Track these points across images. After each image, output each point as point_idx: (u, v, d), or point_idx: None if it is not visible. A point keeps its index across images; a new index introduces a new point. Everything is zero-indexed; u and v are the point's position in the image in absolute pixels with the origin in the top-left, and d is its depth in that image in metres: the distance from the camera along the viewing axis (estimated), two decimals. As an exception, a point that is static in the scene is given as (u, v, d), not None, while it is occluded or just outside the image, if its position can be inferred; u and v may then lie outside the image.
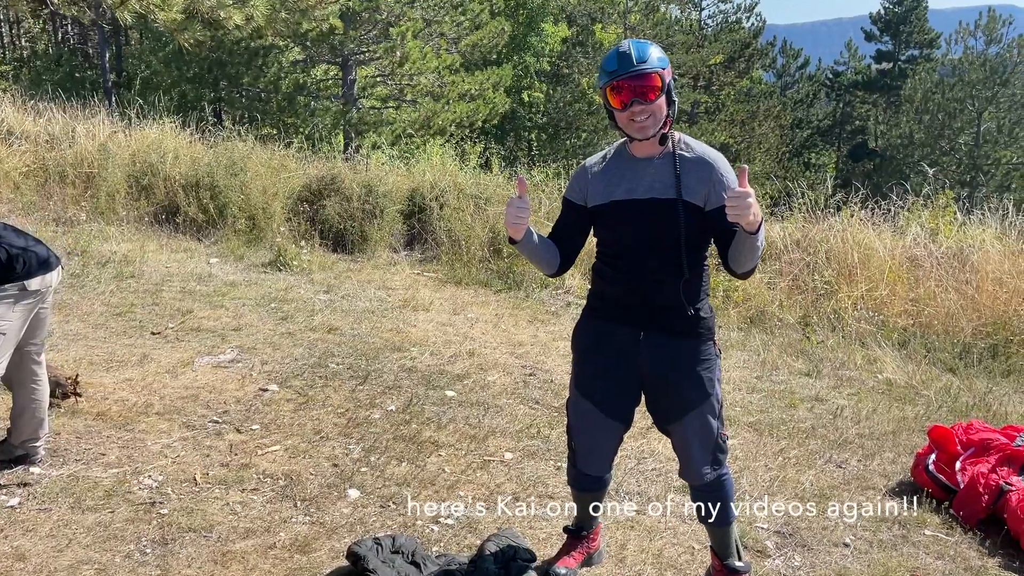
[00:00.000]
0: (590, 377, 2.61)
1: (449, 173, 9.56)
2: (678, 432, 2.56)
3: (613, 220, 2.48)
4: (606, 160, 2.57)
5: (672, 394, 2.51)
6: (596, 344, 2.58)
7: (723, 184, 2.40)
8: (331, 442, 3.79)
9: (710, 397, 2.51)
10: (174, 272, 6.81)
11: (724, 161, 2.46)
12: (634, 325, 2.50)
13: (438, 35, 14.50)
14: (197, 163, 8.99)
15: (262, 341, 5.20)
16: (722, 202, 2.35)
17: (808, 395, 4.95)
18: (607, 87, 2.38)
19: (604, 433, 2.63)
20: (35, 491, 3.14)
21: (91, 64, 24.36)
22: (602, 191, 2.51)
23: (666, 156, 2.45)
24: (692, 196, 2.40)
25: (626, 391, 2.58)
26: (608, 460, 2.72)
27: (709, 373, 2.51)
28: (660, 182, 2.42)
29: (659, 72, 2.35)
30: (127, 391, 4.20)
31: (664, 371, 2.49)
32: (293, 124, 13.75)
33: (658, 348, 2.48)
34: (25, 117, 11.36)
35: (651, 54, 2.37)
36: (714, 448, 2.56)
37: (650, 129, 2.38)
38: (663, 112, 2.39)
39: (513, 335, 5.87)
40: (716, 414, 2.53)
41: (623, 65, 2.35)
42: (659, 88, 2.35)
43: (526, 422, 4.18)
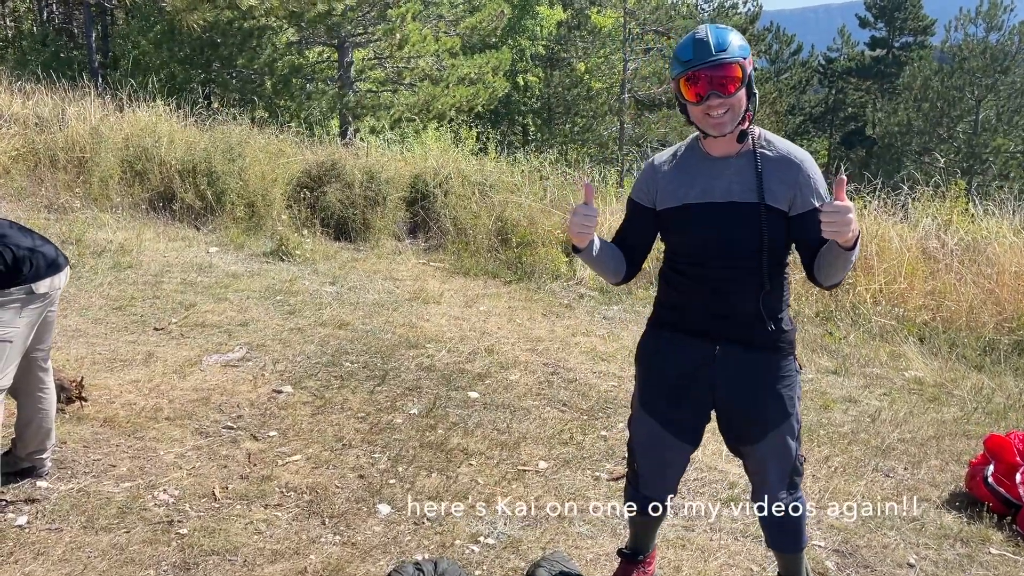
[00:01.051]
0: (657, 394, 2.38)
1: (452, 159, 9.32)
2: (753, 454, 2.34)
3: (686, 225, 2.25)
4: (677, 158, 2.32)
5: (749, 414, 2.29)
6: (665, 358, 2.35)
7: (811, 187, 2.16)
8: (355, 450, 3.58)
9: (790, 417, 2.29)
10: (173, 262, 6.55)
11: (811, 161, 2.22)
12: (708, 338, 2.26)
13: (437, 17, 14.17)
14: (193, 148, 8.69)
15: (271, 337, 4.97)
16: (809, 206, 2.14)
17: (840, 395, 4.78)
18: (681, 77, 2.14)
19: (670, 455, 2.41)
20: (44, 508, 2.91)
21: (77, 44, 23.81)
22: (673, 192, 2.27)
23: (746, 154, 2.20)
24: (775, 200, 2.15)
25: (697, 410, 2.35)
26: (673, 483, 2.49)
27: (790, 391, 2.28)
28: (739, 184, 2.18)
29: (740, 62, 2.10)
30: (134, 394, 3.97)
31: (741, 389, 2.26)
32: (288, 107, 13.42)
33: (735, 363, 2.25)
34: (13, 99, 11.00)
35: (731, 41, 2.12)
36: (791, 471, 2.35)
37: (727, 125, 2.13)
38: (743, 106, 2.14)
39: (529, 330, 5.67)
40: (795, 435, 2.32)
41: (700, 54, 2.11)
42: (739, 79, 2.10)
43: (557, 427, 3.98)
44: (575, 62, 22.72)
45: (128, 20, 22.12)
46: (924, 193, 8.75)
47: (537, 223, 7.83)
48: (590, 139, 22.95)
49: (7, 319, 2.59)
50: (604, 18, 22.44)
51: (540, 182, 9.08)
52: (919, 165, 25.47)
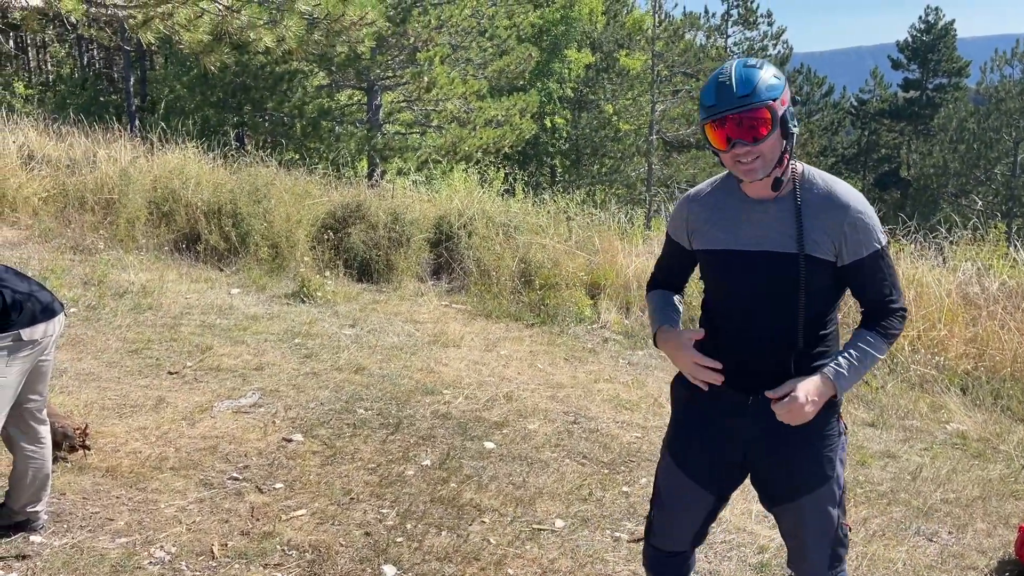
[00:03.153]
0: (685, 442, 2.20)
1: (477, 200, 9.26)
2: (788, 516, 2.14)
3: (719, 271, 2.09)
4: (713, 195, 2.14)
5: (783, 471, 2.08)
6: (695, 404, 2.17)
7: (859, 233, 1.96)
8: (362, 504, 3.42)
9: (830, 480, 2.07)
10: (194, 304, 6.50)
11: (860, 201, 2.00)
12: (742, 388, 2.07)
13: (465, 61, 14.29)
14: (219, 189, 8.72)
15: (285, 382, 4.86)
16: (861, 254, 1.97)
17: (878, 450, 4.53)
18: (706, 123, 1.96)
19: (693, 507, 2.21)
20: (34, 565, 2.79)
21: (116, 88, 24.43)
22: (707, 233, 2.10)
23: (786, 197, 2.00)
24: (817, 249, 1.96)
25: (727, 463, 2.15)
26: (689, 537, 2.27)
27: (831, 452, 2.07)
28: (778, 232, 1.99)
29: (768, 105, 1.89)
30: (140, 441, 3.86)
31: (773, 445, 2.06)
32: (317, 149, 13.54)
33: (769, 417, 2.02)
34: (47, 141, 11.21)
35: (758, 80, 1.90)
36: (833, 542, 2.12)
37: (759, 172, 1.94)
38: (776, 151, 1.94)
39: (551, 375, 5.50)
40: (836, 501, 2.10)
41: (722, 99, 1.91)
42: (768, 123, 1.90)
43: (576, 481, 3.79)
44: (603, 104, 22.78)
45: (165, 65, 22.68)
46: (962, 236, 8.49)
47: (561, 265, 7.69)
48: (618, 180, 22.91)
49: None
50: (632, 60, 22.54)
51: (566, 223, 8.98)
52: (956, 207, 25.02)
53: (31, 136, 11.11)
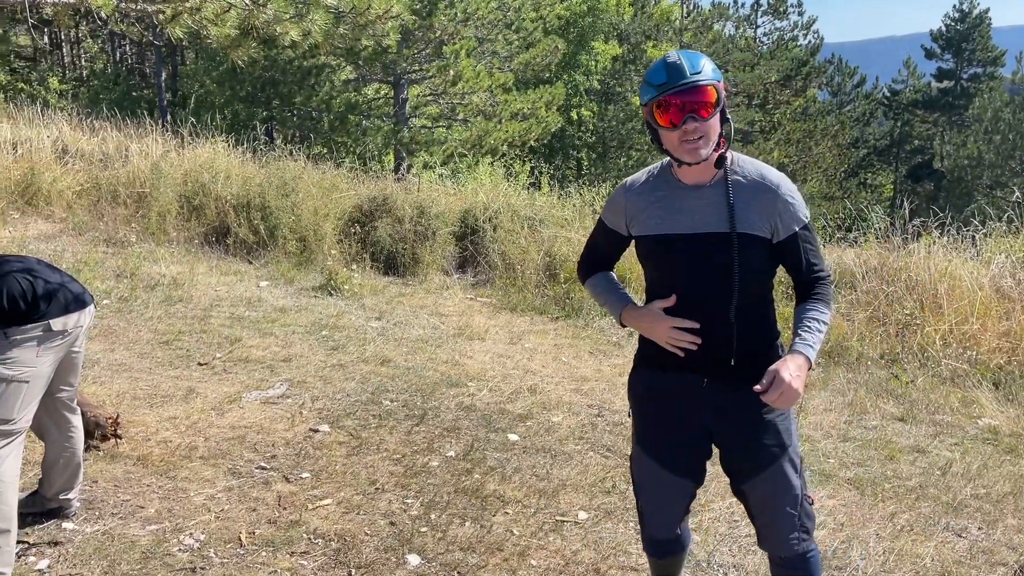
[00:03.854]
0: (650, 430, 2.28)
1: (502, 194, 9.26)
2: (754, 492, 2.20)
3: (660, 257, 2.17)
4: (649, 183, 2.22)
5: (744, 446, 2.17)
6: (653, 394, 2.25)
7: (790, 212, 2.09)
8: (387, 495, 3.45)
9: (787, 449, 2.17)
10: (223, 296, 6.59)
11: (787, 182, 2.13)
12: (693, 371, 2.16)
13: (491, 54, 14.28)
14: (249, 183, 8.82)
15: (312, 374, 4.91)
16: (791, 231, 2.09)
17: (907, 445, 4.48)
18: (653, 103, 2.05)
19: (671, 492, 2.29)
20: (66, 551, 2.85)
21: (148, 83, 24.77)
22: (646, 221, 2.18)
23: (719, 182, 2.11)
24: (752, 227, 2.07)
25: (692, 443, 2.23)
26: (675, 521, 2.36)
27: (785, 422, 2.17)
28: (714, 214, 2.09)
29: (714, 85, 2.02)
30: (171, 431, 3.93)
31: (731, 421, 2.16)
32: (344, 143, 13.62)
33: (723, 395, 2.14)
34: (81, 136, 11.40)
35: (704, 65, 2.04)
36: (800, 512, 2.19)
37: (702, 150, 2.04)
38: (717, 132, 2.05)
39: (575, 368, 5.50)
40: (797, 469, 2.19)
41: (673, 77, 2.01)
42: (713, 104, 2.01)
43: (599, 474, 3.79)
44: (630, 96, 22.65)
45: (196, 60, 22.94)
46: (996, 228, 8.34)
47: (587, 259, 7.67)
48: (643, 172, 22.74)
49: (24, 358, 2.55)
50: (660, 52, 22.37)
51: (592, 217, 8.95)
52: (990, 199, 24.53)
53: (65, 131, 11.30)
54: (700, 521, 3.38)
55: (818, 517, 3.44)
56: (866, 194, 30.51)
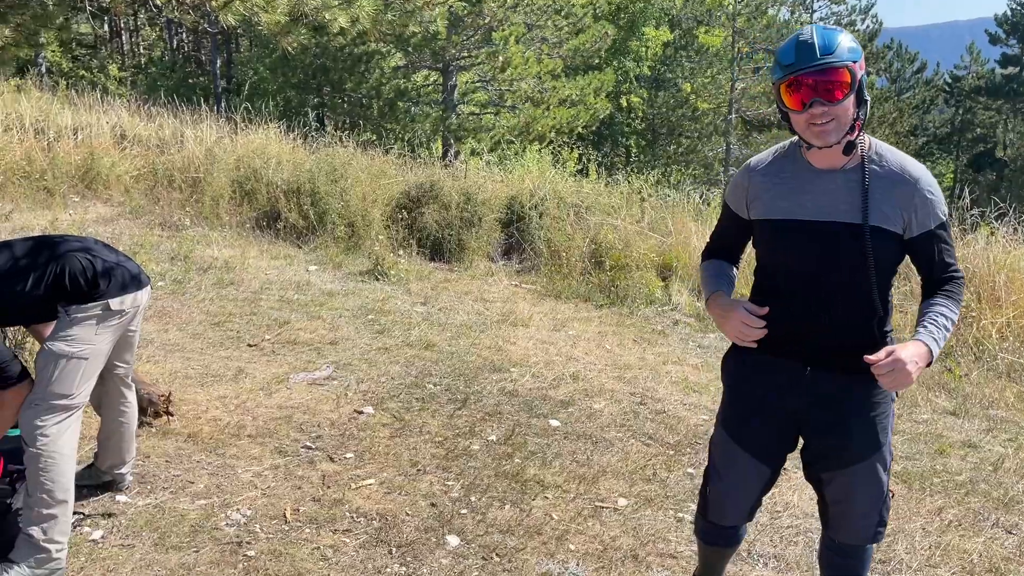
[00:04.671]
0: (741, 416, 2.21)
1: (549, 181, 9.25)
2: (838, 483, 2.15)
3: (780, 242, 2.07)
4: (776, 164, 2.13)
5: (839, 439, 2.10)
6: (751, 378, 2.18)
7: (927, 207, 1.97)
8: (429, 476, 3.50)
9: (882, 448, 2.10)
10: (273, 279, 6.72)
11: (929, 177, 2.01)
12: (799, 359, 2.08)
13: (540, 40, 14.23)
14: (299, 169, 8.96)
15: (358, 357, 4.99)
16: (926, 228, 1.98)
17: (958, 439, 4.38)
18: (782, 83, 1.96)
19: (750, 481, 2.23)
20: (119, 523, 2.96)
21: (203, 71, 25.25)
22: (768, 203, 2.09)
23: (853, 169, 2.00)
24: (885, 221, 1.96)
25: (779, 431, 2.17)
26: (746, 511, 2.30)
27: (883, 420, 2.09)
28: (845, 202, 1.98)
29: (848, 66, 1.90)
30: (220, 409, 4.03)
31: (831, 414, 2.08)
32: (393, 130, 13.73)
33: (826, 387, 2.07)
34: (138, 121, 11.68)
35: (840, 43, 1.91)
36: (881, 508, 2.15)
37: (832, 135, 1.94)
38: (850, 115, 1.94)
39: (618, 356, 5.49)
40: (887, 467, 2.13)
41: (803, 57, 1.92)
42: (847, 85, 1.90)
43: (640, 461, 3.79)
44: (681, 82, 22.37)
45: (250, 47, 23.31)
46: (1059, 219, 8.05)
47: (633, 246, 7.64)
48: (694, 160, 22.50)
49: (84, 336, 2.64)
50: (712, 37, 22.03)
51: (639, 204, 8.89)
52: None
53: (124, 117, 11.59)
54: (741, 511, 3.35)
55: (863, 510, 3.40)
56: (925, 183, 29.63)
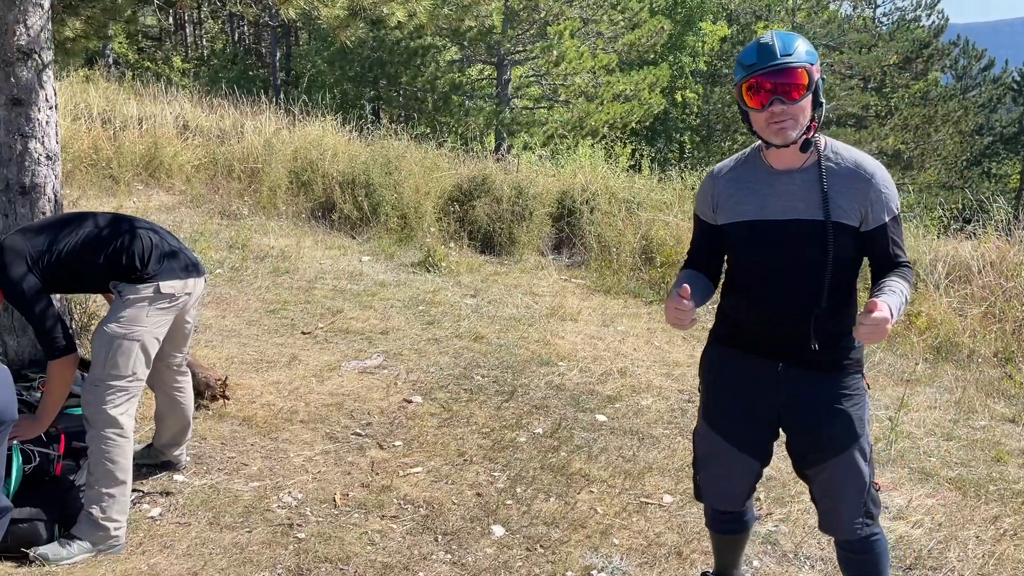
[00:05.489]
0: (719, 407, 2.29)
1: (601, 176, 9.22)
2: (820, 477, 2.19)
3: (746, 243, 2.14)
4: (737, 169, 2.20)
5: (815, 434, 2.16)
6: (727, 374, 2.25)
7: (882, 202, 2.04)
8: (475, 467, 3.54)
9: (860, 438, 2.14)
10: (327, 269, 6.84)
11: (883, 172, 2.08)
12: (770, 356, 2.15)
13: (595, 34, 14.16)
14: (354, 161, 9.10)
15: (408, 347, 5.06)
16: (880, 222, 2.05)
17: (1017, 448, 4.26)
18: (743, 84, 2.03)
19: (735, 467, 2.29)
20: (176, 502, 3.07)
21: (263, 63, 25.72)
22: (733, 207, 2.15)
23: (811, 168, 2.07)
24: (844, 216, 2.04)
25: (760, 424, 2.23)
26: (739, 497, 2.36)
27: (859, 411, 2.14)
28: (804, 200, 2.06)
29: (806, 67, 1.99)
30: (274, 395, 4.14)
31: (806, 408, 2.15)
32: (447, 123, 13.83)
33: (798, 382, 2.14)
34: (200, 112, 11.98)
35: (797, 47, 2.02)
36: (866, 498, 2.17)
37: (790, 132, 2.01)
38: (807, 115, 2.03)
39: (667, 353, 5.46)
40: (867, 458, 2.16)
41: (763, 58, 2.01)
42: (804, 86, 1.98)
43: (687, 459, 3.77)
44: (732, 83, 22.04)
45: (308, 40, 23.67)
46: None
47: (684, 243, 7.56)
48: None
49: (136, 316, 2.72)
50: (771, 33, 21.63)
51: (692, 200, 8.80)
52: None
53: (186, 108, 11.90)
54: (789, 512, 3.32)
55: (915, 515, 3.34)
56: (990, 184, 28.80)
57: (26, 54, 3.22)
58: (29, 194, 3.29)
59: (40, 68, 3.28)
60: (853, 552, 2.24)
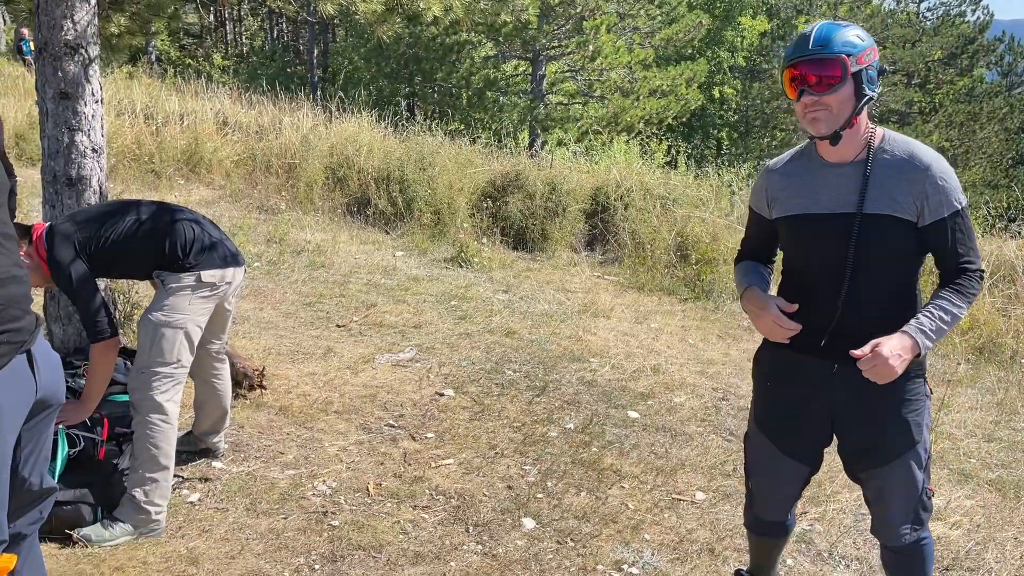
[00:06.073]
0: (772, 412, 2.24)
1: (635, 172, 9.18)
2: (874, 482, 2.14)
3: (796, 237, 2.11)
4: (791, 163, 2.17)
5: (870, 438, 2.10)
6: (780, 374, 2.20)
7: (942, 194, 1.96)
8: (506, 460, 3.56)
9: (916, 445, 2.07)
10: (362, 263, 6.91)
11: (941, 163, 1.99)
12: (825, 356, 2.08)
13: (632, 29, 14.09)
14: (389, 157, 9.16)
15: (440, 341, 5.09)
16: (940, 215, 1.96)
17: (1063, 451, 4.17)
18: (783, 73, 2.03)
19: (786, 476, 2.25)
20: (215, 488, 3.13)
21: (301, 60, 26.00)
22: (783, 200, 2.12)
23: (862, 161, 2.02)
24: (896, 209, 1.96)
25: (815, 431, 2.18)
26: (788, 505, 2.34)
27: (917, 417, 2.07)
28: (852, 193, 2.01)
29: (840, 58, 1.92)
30: (310, 385, 4.19)
31: (860, 411, 2.08)
32: (481, 119, 13.87)
33: (854, 384, 2.02)
34: (239, 108, 12.15)
35: (835, 36, 1.94)
36: (917, 505, 2.12)
37: (823, 125, 1.96)
38: (846, 108, 1.96)
39: (702, 351, 5.43)
40: (923, 465, 2.10)
41: (798, 48, 1.98)
42: (836, 77, 1.93)
43: (720, 456, 3.76)
44: (777, 73, 21.76)
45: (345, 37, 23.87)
46: None
47: (720, 240, 7.51)
48: (786, 153, 21.87)
49: (179, 305, 2.79)
50: (811, 28, 21.34)
51: (729, 197, 8.73)
52: None
53: (226, 104, 12.08)
54: (824, 511, 3.29)
55: (954, 517, 3.29)
56: (1037, 183, 28.07)
57: (73, 49, 3.30)
58: (75, 186, 3.37)
59: (87, 63, 3.36)
60: (899, 555, 2.20)
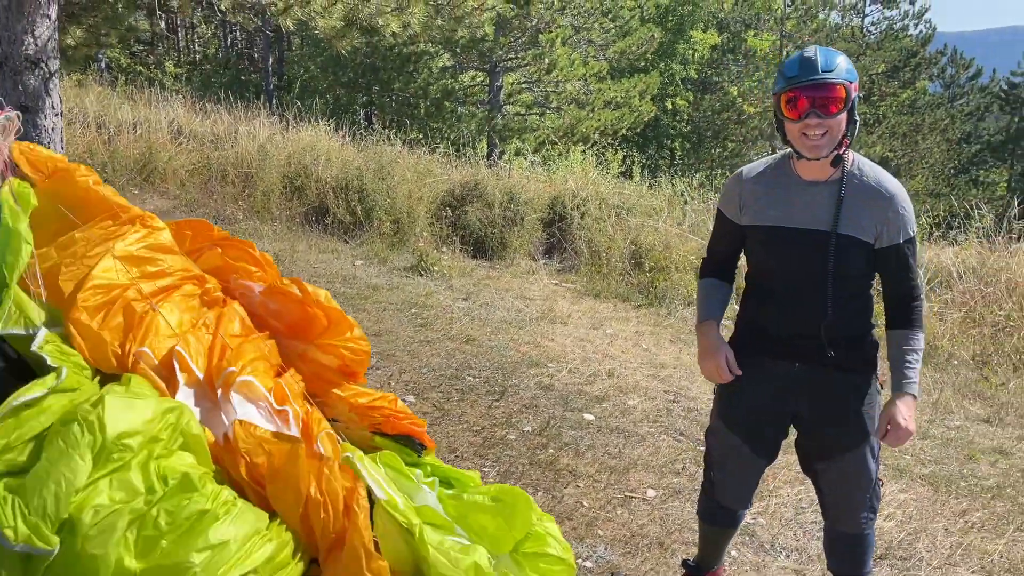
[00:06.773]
0: (736, 408, 2.39)
1: (591, 182, 9.38)
2: (829, 473, 2.32)
3: (766, 246, 2.27)
4: (766, 174, 2.31)
5: (829, 431, 2.29)
6: (744, 376, 2.34)
7: (899, 223, 2.15)
8: (466, 462, 3.67)
9: (870, 436, 2.26)
10: (321, 272, 6.96)
11: (903, 193, 2.18)
12: (787, 357, 2.28)
13: (586, 42, 14.36)
14: (347, 166, 9.22)
15: (401, 348, 5.18)
16: (895, 242, 2.15)
17: (989, 446, 4.41)
18: (783, 94, 2.13)
19: (750, 469, 2.44)
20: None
21: (256, 68, 25.81)
22: (758, 211, 2.27)
23: (836, 181, 2.18)
24: (859, 231, 2.14)
25: (776, 426, 2.37)
26: (749, 495, 2.51)
27: (871, 410, 2.27)
28: (823, 212, 2.17)
29: (845, 84, 2.09)
30: (271, 393, 4.25)
31: (820, 407, 2.27)
32: (439, 129, 13.99)
33: (813, 382, 2.26)
34: (194, 117, 12.08)
35: (839, 63, 2.11)
36: (871, 494, 2.32)
37: (823, 148, 2.11)
38: (841, 130, 2.12)
39: (654, 355, 5.60)
40: (875, 455, 2.30)
41: (805, 71, 2.10)
42: (842, 101, 2.08)
43: (670, 455, 3.91)
44: (728, 86, 22.29)
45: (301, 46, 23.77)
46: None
47: (673, 248, 7.73)
48: (739, 164, 22.37)
49: None
50: (760, 41, 21.91)
51: (681, 207, 8.97)
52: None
53: (180, 112, 11.99)
54: (767, 506, 3.46)
55: (887, 510, 3.48)
56: (977, 192, 29.09)
57: (34, 63, 3.34)
58: (36, 197, 3.40)
59: (47, 77, 3.40)
60: (850, 544, 2.37)
